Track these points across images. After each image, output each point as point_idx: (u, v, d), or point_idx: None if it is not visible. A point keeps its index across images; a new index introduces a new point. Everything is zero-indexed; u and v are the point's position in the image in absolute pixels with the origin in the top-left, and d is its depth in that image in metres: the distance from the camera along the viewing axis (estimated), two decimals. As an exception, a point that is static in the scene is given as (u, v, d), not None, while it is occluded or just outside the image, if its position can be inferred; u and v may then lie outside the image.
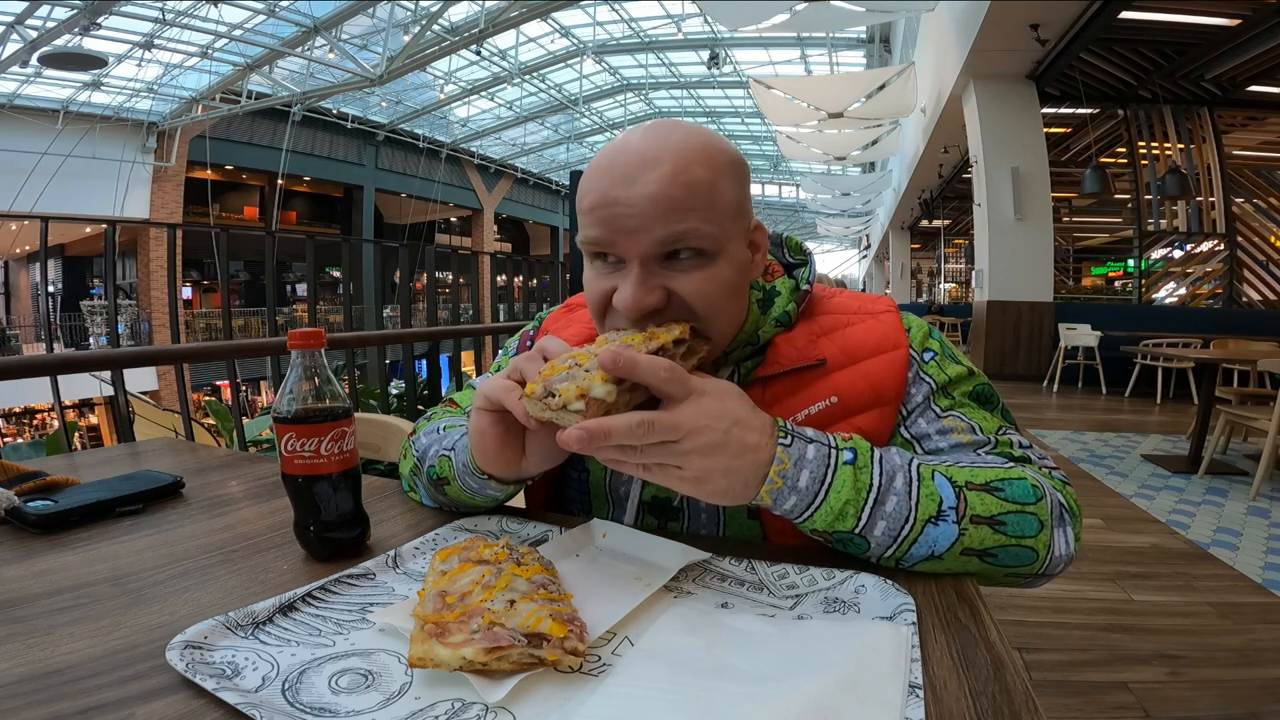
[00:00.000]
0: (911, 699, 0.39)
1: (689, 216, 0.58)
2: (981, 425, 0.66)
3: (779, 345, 0.70)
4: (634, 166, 0.59)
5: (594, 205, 0.60)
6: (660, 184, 0.58)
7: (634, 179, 0.58)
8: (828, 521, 0.55)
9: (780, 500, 0.54)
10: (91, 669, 0.44)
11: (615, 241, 0.60)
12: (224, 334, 3.24)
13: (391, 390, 4.07)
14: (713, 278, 0.61)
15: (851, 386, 0.67)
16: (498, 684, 0.40)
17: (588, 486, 0.76)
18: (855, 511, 0.54)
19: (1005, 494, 0.57)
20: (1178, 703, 1.63)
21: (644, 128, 0.62)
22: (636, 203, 0.58)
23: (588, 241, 0.63)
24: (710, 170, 0.60)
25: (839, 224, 24.85)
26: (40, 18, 9.43)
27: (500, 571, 0.50)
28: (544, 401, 0.52)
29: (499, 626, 0.43)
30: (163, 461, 1.01)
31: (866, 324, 0.71)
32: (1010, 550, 0.56)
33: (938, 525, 0.55)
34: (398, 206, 18.92)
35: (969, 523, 0.55)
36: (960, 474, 0.58)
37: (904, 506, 0.55)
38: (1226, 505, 3.22)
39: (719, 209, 0.60)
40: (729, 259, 0.62)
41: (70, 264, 14.96)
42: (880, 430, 0.67)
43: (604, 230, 0.60)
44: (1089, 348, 7.03)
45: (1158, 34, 6.79)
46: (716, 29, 13.88)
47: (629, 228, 0.59)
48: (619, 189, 0.59)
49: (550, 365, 0.55)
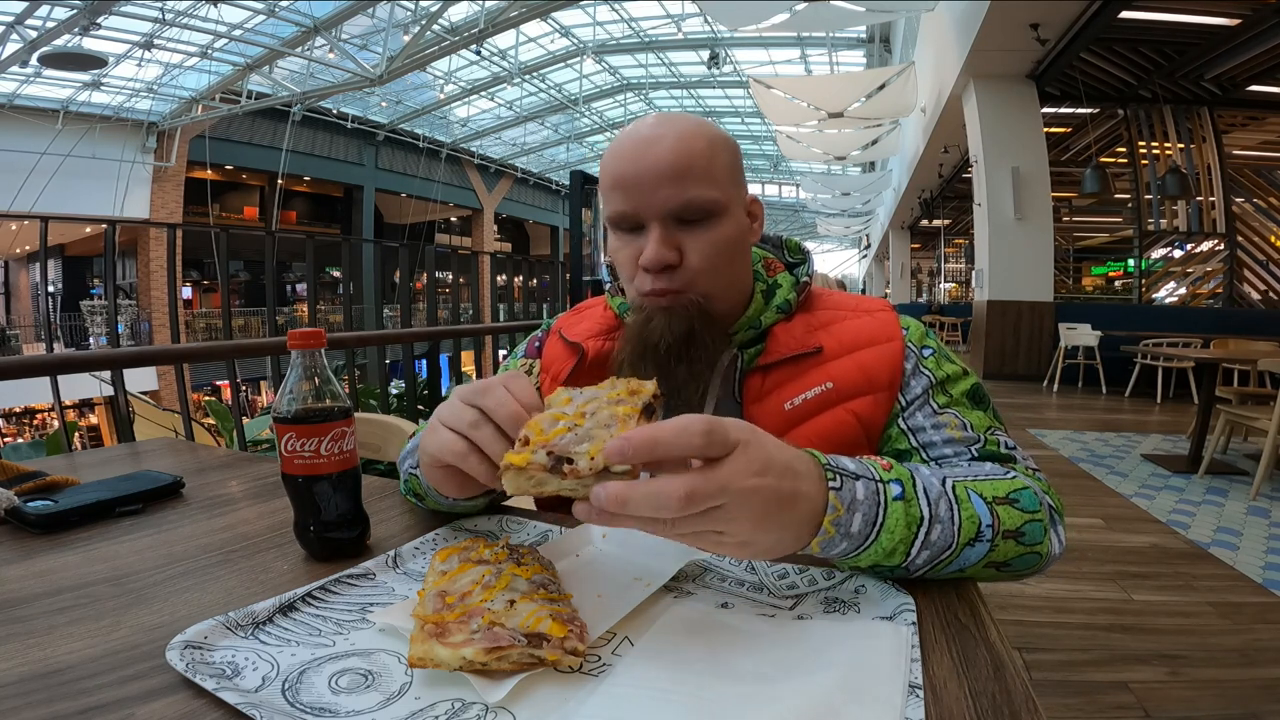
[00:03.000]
0: (911, 699, 0.39)
1: (692, 180, 0.67)
2: (973, 423, 0.69)
3: (778, 335, 0.74)
4: (642, 145, 0.68)
5: (614, 183, 0.70)
6: (666, 155, 0.67)
7: (643, 155, 0.68)
8: (874, 560, 0.52)
9: (829, 547, 0.50)
10: (91, 669, 0.44)
11: (636, 210, 0.69)
12: (224, 334, 3.24)
13: (391, 390, 4.07)
14: (718, 237, 0.70)
15: (846, 374, 0.71)
16: (498, 684, 0.40)
17: None
18: (905, 549, 0.52)
19: (1021, 505, 0.58)
20: (1178, 703, 1.63)
21: (648, 117, 0.72)
22: (647, 173, 0.67)
23: (614, 215, 0.71)
24: (706, 143, 0.69)
25: (839, 224, 24.85)
26: (40, 18, 9.43)
27: (500, 572, 0.50)
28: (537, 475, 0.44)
29: (499, 626, 0.43)
30: (163, 461, 1.01)
31: (862, 319, 0.76)
32: (1024, 558, 0.58)
33: (974, 546, 0.55)
34: (398, 206, 18.92)
35: (1000, 539, 0.56)
36: (986, 488, 0.58)
37: (948, 534, 0.53)
38: (1227, 505, 3.22)
39: (717, 175, 0.69)
40: (732, 220, 0.71)
41: (70, 264, 14.96)
42: (873, 415, 0.70)
43: (625, 202, 0.69)
44: (1089, 347, 7.03)
45: (1158, 34, 6.79)
46: (716, 29, 13.88)
47: (644, 195, 0.68)
48: (631, 165, 0.68)
49: (534, 428, 0.47)
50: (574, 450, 0.44)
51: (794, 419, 0.70)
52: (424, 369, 3.82)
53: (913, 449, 0.70)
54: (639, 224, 0.70)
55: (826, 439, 0.69)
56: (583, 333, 0.82)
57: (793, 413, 0.70)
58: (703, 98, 19.12)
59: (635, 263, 0.71)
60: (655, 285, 0.70)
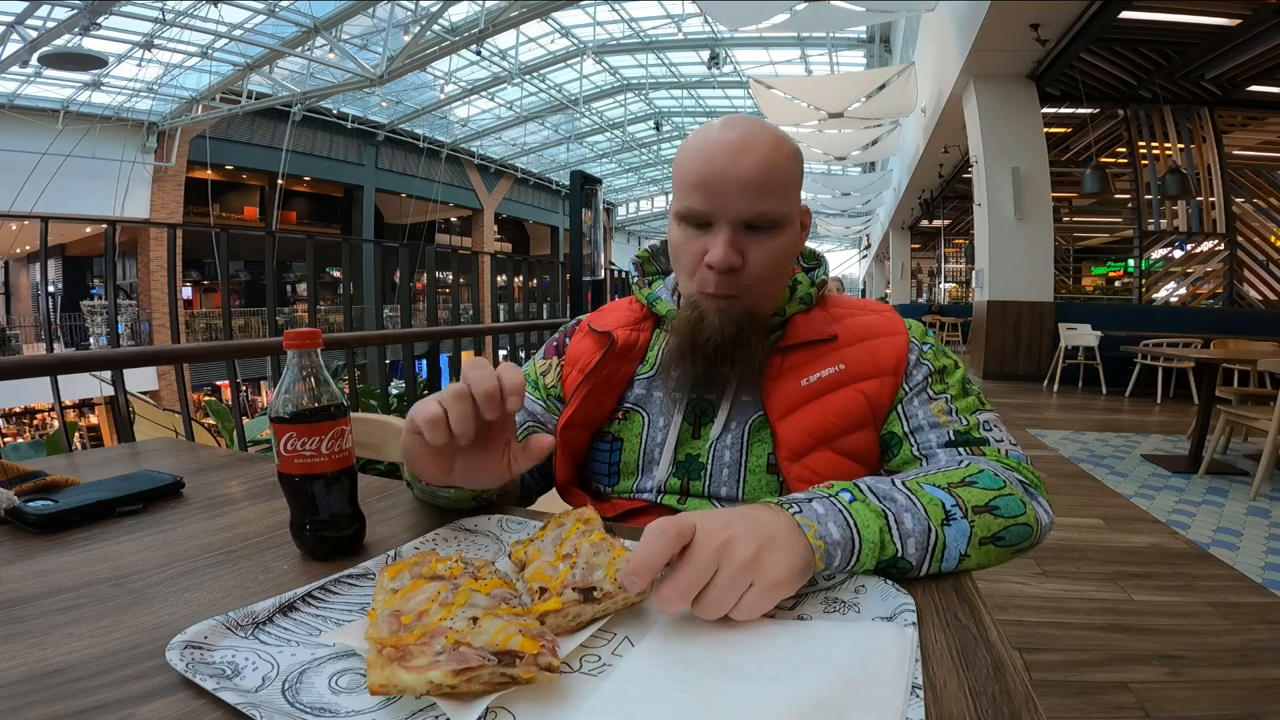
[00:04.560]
0: (912, 699, 0.39)
1: (770, 196, 0.72)
2: (960, 409, 0.76)
3: (797, 323, 0.81)
4: (730, 152, 0.72)
5: (695, 183, 0.73)
6: (752, 167, 0.71)
7: (731, 162, 0.71)
8: (874, 556, 0.55)
9: (830, 558, 0.53)
10: (91, 669, 0.44)
11: (713, 212, 0.73)
12: (224, 334, 3.24)
13: (392, 390, 4.07)
14: (777, 246, 0.75)
15: (857, 359, 0.78)
16: (469, 706, 0.38)
17: (619, 465, 0.83)
18: (888, 537, 0.56)
19: (980, 484, 0.63)
20: (1178, 703, 1.63)
21: (730, 119, 0.76)
22: (731, 180, 0.71)
23: (689, 211, 0.75)
24: (786, 159, 0.74)
25: (839, 224, 24.86)
26: (40, 18, 9.42)
27: (457, 587, 0.47)
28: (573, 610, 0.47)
29: (465, 646, 0.40)
30: (163, 461, 1.01)
31: (870, 316, 0.84)
32: (1013, 529, 0.61)
33: (950, 525, 0.58)
34: (398, 206, 18.91)
35: (973, 514, 0.59)
36: (939, 478, 0.63)
37: (919, 518, 0.57)
38: (1227, 505, 3.22)
39: (789, 192, 0.75)
40: (791, 231, 0.77)
41: (70, 264, 14.96)
42: (879, 396, 0.77)
43: (705, 203, 0.73)
44: (1089, 348, 7.03)
45: (1158, 34, 6.79)
46: (716, 29, 13.88)
47: (724, 200, 0.72)
48: (718, 169, 0.72)
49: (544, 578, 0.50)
50: (593, 579, 0.49)
51: (810, 394, 0.76)
52: (424, 369, 3.82)
53: (905, 434, 0.76)
54: (709, 222, 0.74)
55: (838, 413, 0.75)
56: (611, 323, 0.88)
57: (809, 388, 0.76)
58: (703, 98, 19.12)
59: (698, 258, 0.75)
60: (718, 287, 0.74)
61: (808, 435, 0.74)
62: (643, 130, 21.48)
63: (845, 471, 0.73)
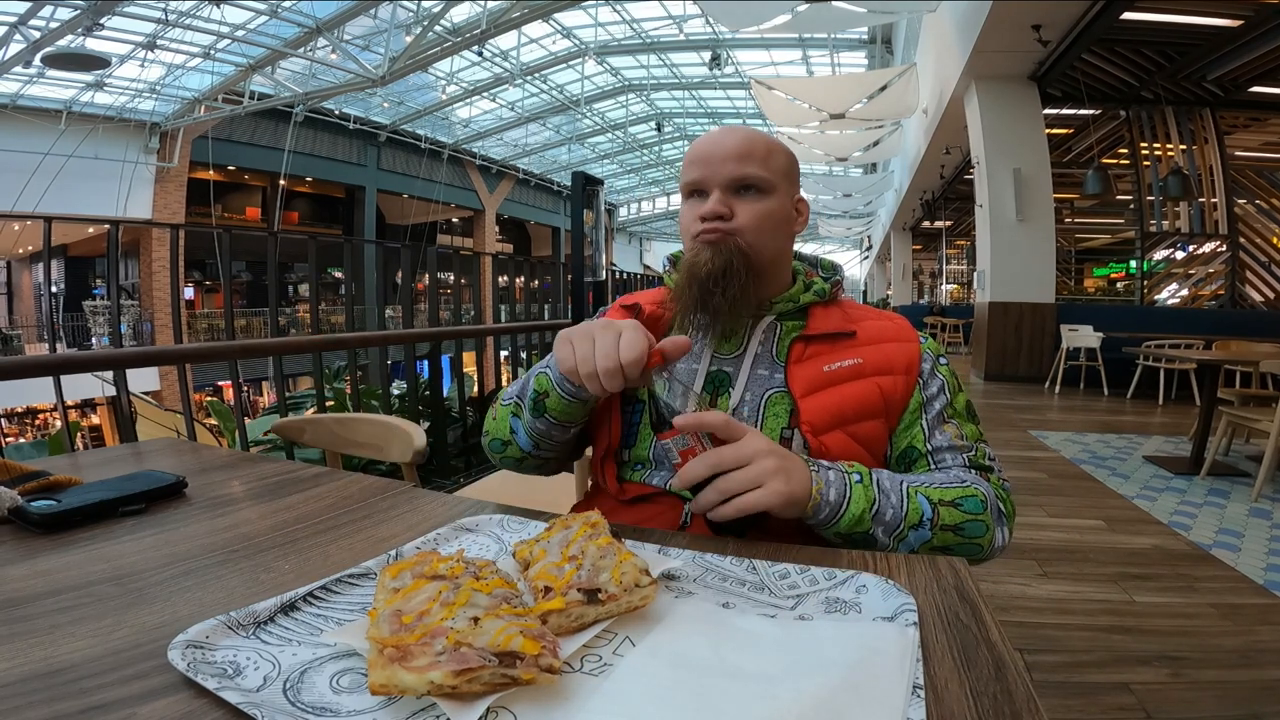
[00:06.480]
0: (913, 699, 0.39)
1: (750, 162, 0.86)
2: (968, 434, 0.86)
3: (816, 314, 0.90)
4: (719, 134, 0.89)
5: (691, 160, 0.89)
6: (734, 141, 0.87)
7: (718, 140, 0.88)
8: (849, 526, 0.71)
9: (818, 512, 0.70)
10: (93, 668, 0.44)
11: (704, 178, 0.87)
12: (226, 334, 3.24)
13: (393, 391, 4.08)
14: (763, 208, 0.87)
15: (873, 356, 0.87)
16: (470, 706, 0.38)
17: (638, 426, 0.89)
18: (868, 520, 0.71)
19: (964, 508, 0.75)
20: (1179, 704, 1.63)
21: (730, 127, 0.92)
22: (717, 151, 0.87)
23: (687, 184, 0.90)
24: (766, 141, 0.89)
25: (840, 225, 24.81)
26: (43, 18, 9.45)
27: (458, 587, 0.47)
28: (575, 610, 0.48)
29: (466, 647, 0.40)
30: (165, 461, 1.01)
31: (884, 322, 0.94)
32: (964, 546, 0.76)
33: (917, 530, 0.73)
34: (399, 207, 18.93)
35: (939, 530, 0.73)
36: (935, 492, 0.75)
37: (897, 517, 0.72)
38: (1228, 507, 3.21)
39: (772, 166, 0.88)
40: (777, 201, 0.88)
41: (73, 264, 14.98)
42: (893, 391, 0.85)
43: (697, 172, 0.88)
44: (1091, 349, 7.01)
45: (1160, 35, 6.78)
46: (718, 30, 13.88)
47: (712, 167, 0.87)
48: (707, 146, 0.88)
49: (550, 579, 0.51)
50: (598, 581, 0.50)
51: (831, 380, 0.85)
52: (425, 369, 3.82)
53: (926, 453, 0.85)
54: (704, 190, 0.88)
55: (855, 401, 0.84)
56: (640, 300, 0.99)
57: (831, 374, 0.85)
58: (704, 99, 19.12)
59: (698, 220, 0.88)
60: (709, 230, 0.87)
61: (828, 414, 0.83)
62: (644, 131, 21.49)
63: (854, 454, 0.81)
